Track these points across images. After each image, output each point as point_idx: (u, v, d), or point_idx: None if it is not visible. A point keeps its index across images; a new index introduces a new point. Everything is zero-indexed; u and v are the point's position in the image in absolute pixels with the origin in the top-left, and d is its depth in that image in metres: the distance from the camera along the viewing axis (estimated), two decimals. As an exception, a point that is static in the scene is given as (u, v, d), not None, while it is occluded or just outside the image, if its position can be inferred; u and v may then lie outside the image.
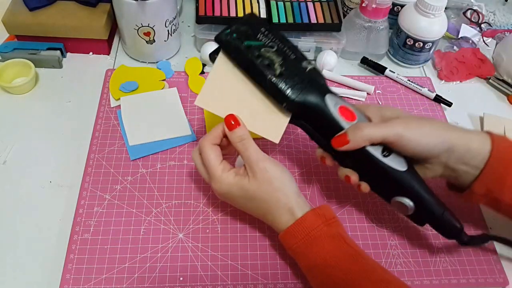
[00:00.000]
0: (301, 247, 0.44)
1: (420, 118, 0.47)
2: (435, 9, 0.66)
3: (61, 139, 0.60)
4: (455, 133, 0.46)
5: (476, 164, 0.46)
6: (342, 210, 0.56)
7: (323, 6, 0.73)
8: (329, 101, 0.46)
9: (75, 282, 0.47)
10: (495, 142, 0.46)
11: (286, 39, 0.48)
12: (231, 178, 0.46)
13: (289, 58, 0.46)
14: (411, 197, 0.46)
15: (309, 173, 0.59)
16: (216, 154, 0.46)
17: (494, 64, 0.76)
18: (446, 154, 0.46)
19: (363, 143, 0.45)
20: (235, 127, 0.46)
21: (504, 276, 0.52)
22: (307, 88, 0.46)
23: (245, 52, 0.46)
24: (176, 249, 0.51)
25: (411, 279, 0.51)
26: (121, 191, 0.55)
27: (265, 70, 0.45)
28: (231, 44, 0.46)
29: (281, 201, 0.45)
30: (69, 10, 0.67)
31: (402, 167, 0.46)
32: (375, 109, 0.48)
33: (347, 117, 0.46)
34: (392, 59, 0.76)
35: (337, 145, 0.45)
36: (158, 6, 0.62)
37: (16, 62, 0.64)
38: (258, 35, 0.47)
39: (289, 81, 0.45)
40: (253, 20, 0.48)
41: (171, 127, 0.61)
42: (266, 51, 0.46)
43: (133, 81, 0.65)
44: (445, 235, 0.49)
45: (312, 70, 0.47)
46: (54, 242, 0.51)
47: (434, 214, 0.47)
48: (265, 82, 0.46)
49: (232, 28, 0.47)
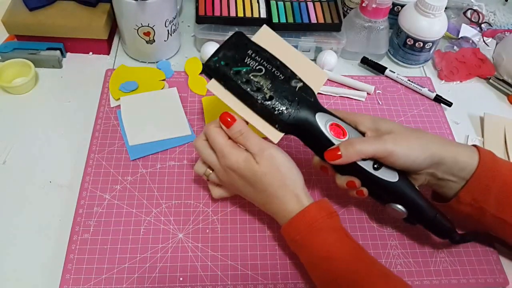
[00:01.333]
0: (304, 238, 0.44)
1: (411, 132, 0.48)
2: (435, 9, 0.66)
3: (61, 139, 0.60)
4: (444, 147, 0.47)
5: (463, 176, 0.48)
6: (343, 210, 0.56)
7: (323, 6, 0.73)
8: (319, 120, 0.47)
9: (75, 282, 0.47)
10: (481, 155, 0.48)
11: (274, 58, 0.49)
12: (240, 155, 0.46)
13: (278, 79, 0.47)
14: (403, 204, 0.48)
15: (309, 173, 0.58)
16: (223, 134, 0.47)
17: (494, 64, 0.76)
18: (434, 166, 0.47)
19: (355, 158, 0.46)
20: (232, 123, 0.46)
21: (504, 276, 0.52)
22: (297, 108, 0.47)
23: (233, 78, 0.46)
24: (176, 249, 0.51)
25: (411, 279, 0.51)
26: (121, 191, 0.54)
27: (255, 94, 0.46)
28: (219, 71, 0.47)
29: (289, 187, 0.46)
30: (69, 10, 0.67)
31: (393, 178, 0.48)
32: (370, 121, 0.49)
33: (338, 134, 0.48)
34: (392, 59, 0.76)
35: (329, 159, 0.47)
36: (158, 6, 0.62)
37: (16, 62, 0.64)
38: (245, 58, 0.48)
39: (279, 103, 0.46)
40: (240, 41, 0.49)
41: (171, 127, 0.61)
42: (254, 75, 0.47)
43: (133, 81, 0.65)
44: (437, 236, 0.50)
45: (302, 88, 0.48)
46: (54, 242, 0.51)
47: (427, 218, 0.49)
48: (256, 106, 0.47)
49: (219, 54, 0.47)
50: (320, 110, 0.48)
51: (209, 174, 0.50)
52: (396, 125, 0.49)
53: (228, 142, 0.46)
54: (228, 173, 0.47)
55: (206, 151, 0.48)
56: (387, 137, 0.46)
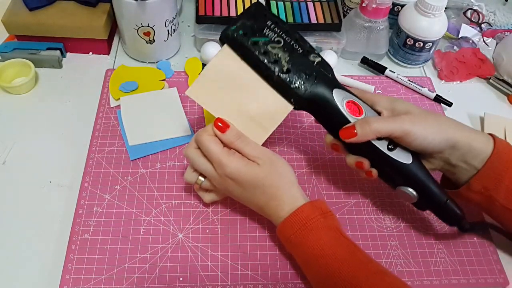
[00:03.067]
0: (299, 237, 0.44)
1: (428, 114, 0.48)
2: (435, 9, 0.66)
3: (60, 139, 0.60)
4: (460, 131, 0.47)
5: (476, 164, 0.47)
6: (343, 210, 0.56)
7: (323, 6, 0.73)
8: (336, 96, 0.47)
9: (75, 282, 0.47)
10: (496, 144, 0.47)
11: (293, 31, 0.48)
12: (239, 161, 0.45)
13: (296, 52, 0.46)
14: (415, 187, 0.48)
15: (309, 173, 0.58)
16: (216, 141, 0.46)
17: (494, 64, 0.76)
18: (449, 151, 0.47)
19: (370, 136, 0.46)
20: (226, 129, 0.46)
21: (504, 276, 0.52)
22: (314, 83, 0.46)
23: (251, 49, 0.45)
24: (176, 249, 0.51)
25: (411, 279, 0.51)
26: (121, 191, 0.54)
27: (272, 66, 0.45)
28: (237, 41, 0.46)
29: (286, 188, 0.46)
30: (69, 10, 0.67)
31: (407, 160, 0.47)
32: (387, 101, 0.49)
33: (354, 112, 0.47)
34: (392, 59, 0.75)
35: (344, 137, 0.46)
36: (158, 6, 0.62)
37: (16, 62, 0.64)
38: (264, 29, 0.46)
39: (296, 76, 0.46)
40: (259, 12, 0.48)
41: (171, 127, 0.61)
42: (273, 47, 0.46)
43: (133, 81, 0.65)
44: (446, 222, 0.50)
45: (320, 63, 0.47)
46: (54, 242, 0.50)
47: (437, 203, 0.48)
48: (272, 78, 0.46)
49: (237, 24, 0.46)
50: (337, 87, 0.47)
51: (201, 182, 0.49)
52: (413, 106, 0.48)
53: (224, 150, 0.46)
54: (225, 181, 0.46)
55: (199, 159, 0.47)
56: (404, 117, 0.46)
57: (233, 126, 0.46)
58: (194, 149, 0.48)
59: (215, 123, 0.46)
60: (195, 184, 0.50)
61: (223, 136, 0.46)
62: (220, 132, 0.46)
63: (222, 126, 0.46)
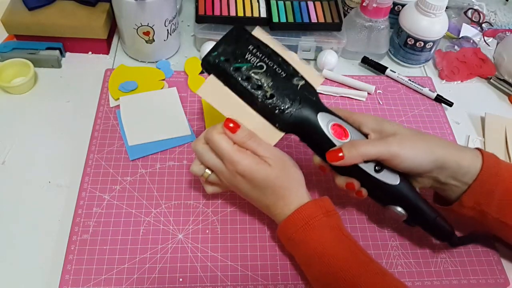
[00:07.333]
0: (300, 235, 0.44)
1: (415, 134, 0.48)
2: (436, 9, 0.66)
3: (60, 139, 0.59)
4: (448, 150, 0.47)
5: (466, 181, 0.47)
6: (343, 210, 0.56)
7: (323, 6, 0.73)
8: (321, 120, 0.47)
9: (74, 283, 0.47)
10: (485, 159, 0.47)
11: (275, 54, 0.47)
12: (251, 159, 0.45)
13: (279, 76, 0.46)
14: (403, 206, 0.48)
15: (309, 173, 0.58)
16: (227, 139, 0.45)
17: (495, 64, 0.76)
18: (437, 170, 0.47)
19: (357, 160, 0.45)
20: (237, 129, 0.45)
21: (505, 276, 0.52)
22: (299, 107, 0.46)
23: (233, 75, 0.45)
24: (175, 249, 0.50)
25: (412, 280, 0.50)
26: (121, 192, 0.54)
27: (256, 92, 0.45)
28: (219, 68, 0.45)
29: (294, 189, 0.46)
30: (68, 10, 0.67)
31: (395, 181, 0.47)
32: (374, 122, 0.48)
33: (340, 135, 0.47)
34: (393, 58, 0.75)
35: (331, 160, 0.46)
36: (157, 5, 0.62)
37: (15, 61, 0.64)
38: (246, 54, 0.46)
39: (280, 101, 0.45)
40: (241, 35, 0.47)
41: (170, 127, 0.61)
42: (255, 72, 0.45)
43: (132, 81, 0.65)
44: (436, 238, 0.50)
45: (304, 86, 0.47)
46: (53, 242, 0.50)
47: (426, 220, 0.48)
48: (256, 104, 0.46)
49: (219, 49, 0.46)
50: (322, 110, 0.47)
51: (208, 175, 0.48)
52: (401, 127, 0.48)
53: (235, 148, 0.45)
54: (235, 177, 0.46)
55: (207, 154, 0.47)
56: (391, 139, 0.46)
57: (243, 126, 0.46)
58: (202, 144, 0.47)
59: (225, 124, 0.45)
60: (201, 177, 0.49)
61: (234, 136, 0.45)
62: (231, 132, 0.45)
63: (233, 126, 0.45)
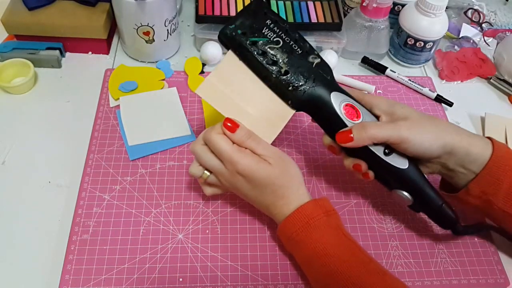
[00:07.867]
0: (301, 234, 0.44)
1: (426, 119, 0.47)
2: (436, 9, 0.66)
3: (60, 139, 0.59)
4: (458, 136, 0.46)
5: (474, 169, 0.47)
6: (343, 210, 0.55)
7: (323, 6, 0.73)
8: (334, 99, 0.46)
9: (74, 283, 0.47)
10: (495, 148, 0.47)
11: (293, 30, 0.47)
12: (251, 158, 0.45)
13: (295, 53, 0.46)
14: (410, 191, 0.48)
15: (310, 173, 0.58)
16: (226, 139, 0.45)
17: (495, 64, 0.76)
18: (446, 156, 0.47)
19: (366, 142, 0.46)
20: (236, 128, 0.45)
21: (505, 276, 0.52)
22: (313, 85, 0.46)
23: (249, 49, 0.45)
24: (175, 249, 0.50)
25: (412, 280, 0.50)
26: (121, 192, 0.54)
27: (270, 68, 0.45)
28: (235, 40, 0.45)
29: (295, 188, 0.46)
30: (68, 10, 0.67)
31: (403, 165, 0.47)
32: (386, 105, 0.48)
33: (352, 116, 0.47)
34: (393, 58, 0.75)
35: (340, 141, 0.46)
36: (157, 5, 0.62)
37: (15, 61, 0.64)
38: (263, 29, 0.46)
39: (294, 78, 0.45)
40: (259, 10, 0.47)
41: (170, 127, 0.61)
42: (271, 48, 0.45)
43: (132, 81, 0.65)
44: (440, 225, 0.50)
45: (319, 64, 0.47)
46: (53, 242, 0.50)
47: (432, 207, 0.48)
48: (270, 80, 0.45)
49: (236, 22, 0.46)
50: (335, 89, 0.47)
51: (207, 176, 0.48)
52: (412, 111, 0.48)
53: (234, 148, 0.45)
54: (235, 177, 0.46)
55: (206, 155, 0.46)
56: (402, 123, 0.46)
57: (242, 125, 0.46)
58: (201, 145, 0.47)
59: (224, 123, 0.45)
60: (200, 178, 0.49)
61: (233, 136, 0.45)
62: (230, 132, 0.45)
63: (232, 126, 0.45)
